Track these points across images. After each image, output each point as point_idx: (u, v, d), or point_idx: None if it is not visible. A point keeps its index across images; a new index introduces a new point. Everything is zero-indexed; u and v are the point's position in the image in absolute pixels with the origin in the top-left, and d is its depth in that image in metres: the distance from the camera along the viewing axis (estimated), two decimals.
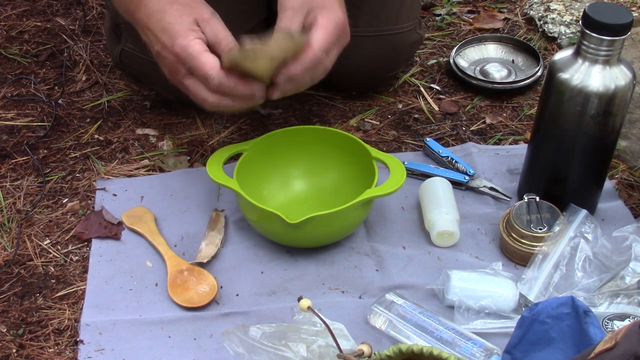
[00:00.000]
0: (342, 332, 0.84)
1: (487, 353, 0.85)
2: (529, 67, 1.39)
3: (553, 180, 1.06)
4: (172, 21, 0.93)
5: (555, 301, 0.81)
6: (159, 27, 0.94)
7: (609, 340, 0.67)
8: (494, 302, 0.93)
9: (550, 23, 1.48)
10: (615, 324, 0.89)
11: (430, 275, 1.00)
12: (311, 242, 1.03)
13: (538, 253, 0.99)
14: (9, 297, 0.98)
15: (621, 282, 0.95)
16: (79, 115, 1.28)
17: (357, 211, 1.00)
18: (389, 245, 1.05)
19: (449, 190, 1.09)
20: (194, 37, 0.92)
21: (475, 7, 1.58)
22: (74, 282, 1.00)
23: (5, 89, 1.34)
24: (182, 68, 0.93)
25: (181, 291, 0.97)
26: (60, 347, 0.92)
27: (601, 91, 0.94)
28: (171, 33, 0.93)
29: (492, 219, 1.08)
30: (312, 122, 1.28)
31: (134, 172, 1.17)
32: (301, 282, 1.00)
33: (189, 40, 0.92)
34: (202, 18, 0.94)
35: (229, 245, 1.05)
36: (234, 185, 1.00)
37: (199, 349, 0.91)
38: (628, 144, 1.18)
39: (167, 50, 0.93)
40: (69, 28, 1.49)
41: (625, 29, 0.92)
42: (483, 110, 1.31)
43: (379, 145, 1.22)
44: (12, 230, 1.07)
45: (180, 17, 0.93)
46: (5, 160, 1.19)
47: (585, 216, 1.02)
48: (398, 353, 0.75)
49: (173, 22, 0.93)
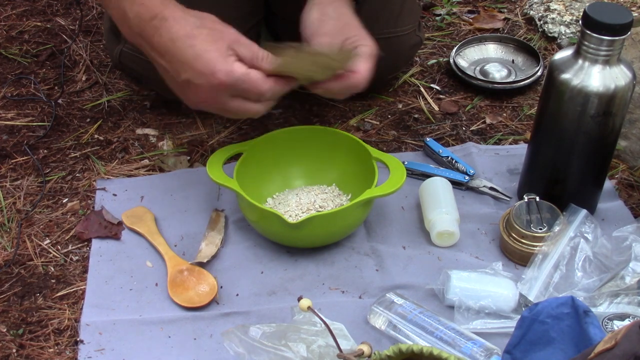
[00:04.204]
0: (342, 332, 0.84)
1: (487, 353, 0.85)
2: (529, 67, 1.39)
3: (553, 180, 1.06)
4: (207, 48, 0.91)
5: (555, 301, 0.81)
6: (189, 53, 0.91)
7: (609, 340, 0.67)
8: (494, 302, 0.93)
9: (550, 23, 1.48)
10: (615, 324, 0.89)
11: (430, 275, 1.00)
12: (311, 242, 1.03)
13: (538, 253, 0.99)
14: (9, 297, 0.98)
15: (621, 282, 0.95)
16: (79, 115, 1.28)
17: (357, 211, 1.00)
18: (389, 245, 1.05)
19: (449, 190, 1.09)
20: (233, 60, 0.91)
21: (475, 7, 1.58)
22: (74, 282, 1.00)
23: (5, 89, 1.34)
24: (224, 93, 0.92)
25: (181, 291, 0.97)
26: (60, 347, 0.92)
27: (601, 91, 0.94)
28: (208, 61, 0.90)
29: (492, 219, 1.08)
30: (312, 122, 1.28)
31: (134, 172, 1.17)
32: (301, 282, 1.00)
33: (232, 66, 0.90)
34: (233, 40, 0.92)
35: (229, 245, 1.05)
36: (234, 185, 1.00)
37: (199, 349, 0.91)
38: (628, 144, 1.18)
39: (205, 78, 0.91)
40: (68, 28, 1.49)
41: (625, 29, 0.92)
42: (483, 110, 1.31)
43: (379, 145, 1.22)
44: (12, 230, 1.07)
45: (214, 42, 0.91)
46: (5, 160, 1.19)
47: (585, 216, 1.01)
48: (398, 353, 0.75)
49: (208, 49, 0.90)
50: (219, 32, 0.93)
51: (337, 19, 1.02)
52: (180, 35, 0.91)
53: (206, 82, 0.91)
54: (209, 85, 0.91)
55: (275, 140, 1.09)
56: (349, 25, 1.02)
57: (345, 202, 1.08)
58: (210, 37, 0.91)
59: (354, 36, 1.00)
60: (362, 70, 0.98)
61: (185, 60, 0.91)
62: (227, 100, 0.93)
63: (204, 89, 0.92)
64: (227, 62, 0.90)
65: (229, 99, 0.93)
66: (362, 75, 0.98)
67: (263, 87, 0.92)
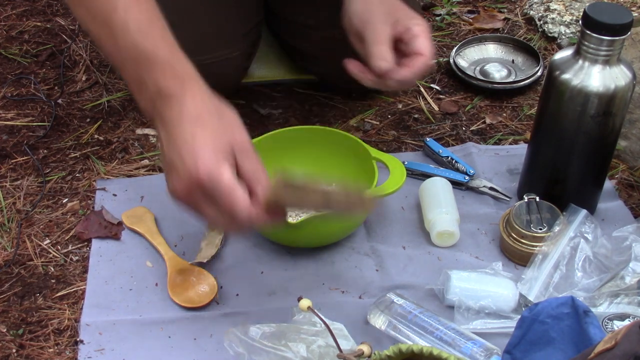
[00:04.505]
0: (342, 332, 0.84)
1: (487, 353, 0.85)
2: (529, 67, 1.39)
3: (553, 180, 1.06)
4: (206, 140, 0.78)
5: (555, 301, 0.81)
6: (186, 134, 0.78)
7: (609, 340, 0.67)
8: (494, 302, 0.93)
9: (550, 23, 1.48)
10: (615, 324, 0.89)
11: (430, 275, 0.99)
12: (311, 242, 1.03)
13: (538, 253, 0.99)
14: (9, 297, 0.98)
15: (621, 282, 0.95)
16: (79, 115, 1.28)
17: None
18: (389, 245, 1.05)
19: (449, 190, 1.09)
20: (226, 166, 0.77)
21: (475, 7, 1.58)
22: (74, 282, 1.00)
23: (5, 89, 1.34)
24: (200, 194, 0.78)
25: (181, 291, 0.97)
26: (60, 347, 0.92)
27: (601, 91, 0.94)
28: (197, 152, 0.77)
29: (492, 219, 1.08)
30: (312, 122, 1.28)
31: (134, 172, 1.17)
32: (301, 282, 1.00)
33: (219, 170, 0.77)
34: (241, 147, 0.80)
35: (229, 245, 1.05)
36: None
37: (199, 349, 0.91)
38: (628, 144, 1.18)
39: (186, 170, 0.77)
40: (68, 28, 1.49)
41: (625, 29, 0.92)
42: (483, 110, 1.31)
43: (379, 145, 1.22)
44: (12, 230, 1.07)
45: (217, 138, 0.78)
46: (5, 160, 1.19)
47: (585, 216, 1.01)
48: (398, 353, 0.75)
49: (206, 142, 0.78)
50: (230, 132, 0.80)
51: (381, 3, 1.00)
52: (190, 112, 0.80)
53: (186, 173, 0.78)
54: (188, 177, 0.78)
55: (275, 140, 1.09)
56: (394, 7, 1.00)
57: None
58: (217, 131, 0.79)
59: (403, 17, 0.98)
60: (425, 49, 0.96)
61: (177, 138, 0.79)
62: (202, 203, 0.79)
63: (182, 179, 0.78)
64: (217, 164, 0.77)
65: (205, 204, 0.79)
66: (427, 54, 0.96)
67: (241, 213, 0.77)
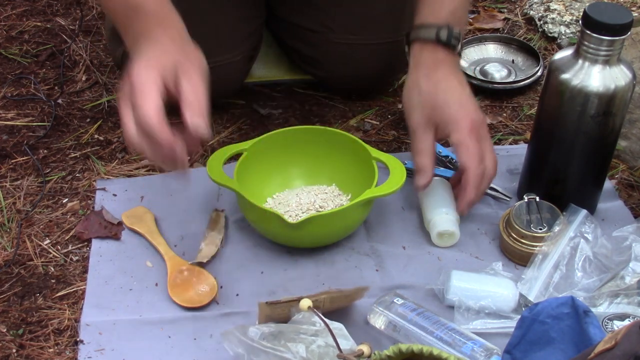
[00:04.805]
0: (342, 332, 0.84)
1: (487, 353, 0.85)
2: (529, 67, 1.39)
3: (553, 180, 1.06)
4: (147, 55, 0.83)
5: (555, 301, 0.81)
6: (142, 48, 0.85)
7: (609, 340, 0.67)
8: (494, 302, 0.93)
9: (550, 23, 1.48)
10: (615, 324, 0.89)
11: (430, 275, 0.99)
12: (311, 242, 1.03)
13: (538, 253, 0.99)
14: (9, 297, 0.98)
15: (621, 282, 0.95)
16: (79, 115, 1.28)
17: (357, 211, 1.00)
18: (389, 245, 1.05)
19: (449, 190, 1.09)
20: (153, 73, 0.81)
21: (475, 7, 1.58)
22: (74, 282, 1.00)
23: (5, 89, 1.34)
24: (127, 94, 0.82)
25: (181, 291, 0.97)
26: (60, 347, 0.92)
27: (601, 91, 0.94)
28: (139, 59, 0.83)
29: (492, 219, 1.08)
30: (312, 122, 1.27)
31: (134, 172, 1.17)
32: (301, 282, 1.00)
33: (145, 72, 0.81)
34: (185, 70, 0.83)
35: (229, 245, 1.05)
36: (234, 185, 1.00)
37: (199, 349, 0.91)
38: (628, 144, 1.18)
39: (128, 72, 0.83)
40: (68, 28, 1.49)
41: (625, 29, 0.92)
42: (483, 110, 1.31)
43: (379, 145, 1.22)
44: (12, 230, 1.07)
45: (161, 54, 0.84)
46: (5, 160, 1.19)
47: (585, 216, 1.01)
48: (398, 353, 0.75)
49: (147, 56, 0.83)
50: (181, 56, 0.85)
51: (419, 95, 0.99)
52: (150, 32, 0.86)
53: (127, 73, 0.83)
54: (127, 76, 0.82)
55: (275, 140, 1.09)
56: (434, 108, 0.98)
57: (345, 202, 1.08)
58: (167, 51, 0.84)
59: (445, 122, 0.98)
60: (466, 163, 0.97)
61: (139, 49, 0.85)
62: (123, 103, 0.83)
63: (124, 80, 0.83)
64: (146, 70, 0.82)
65: (125, 103, 0.83)
66: (471, 166, 0.97)
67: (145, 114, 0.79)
